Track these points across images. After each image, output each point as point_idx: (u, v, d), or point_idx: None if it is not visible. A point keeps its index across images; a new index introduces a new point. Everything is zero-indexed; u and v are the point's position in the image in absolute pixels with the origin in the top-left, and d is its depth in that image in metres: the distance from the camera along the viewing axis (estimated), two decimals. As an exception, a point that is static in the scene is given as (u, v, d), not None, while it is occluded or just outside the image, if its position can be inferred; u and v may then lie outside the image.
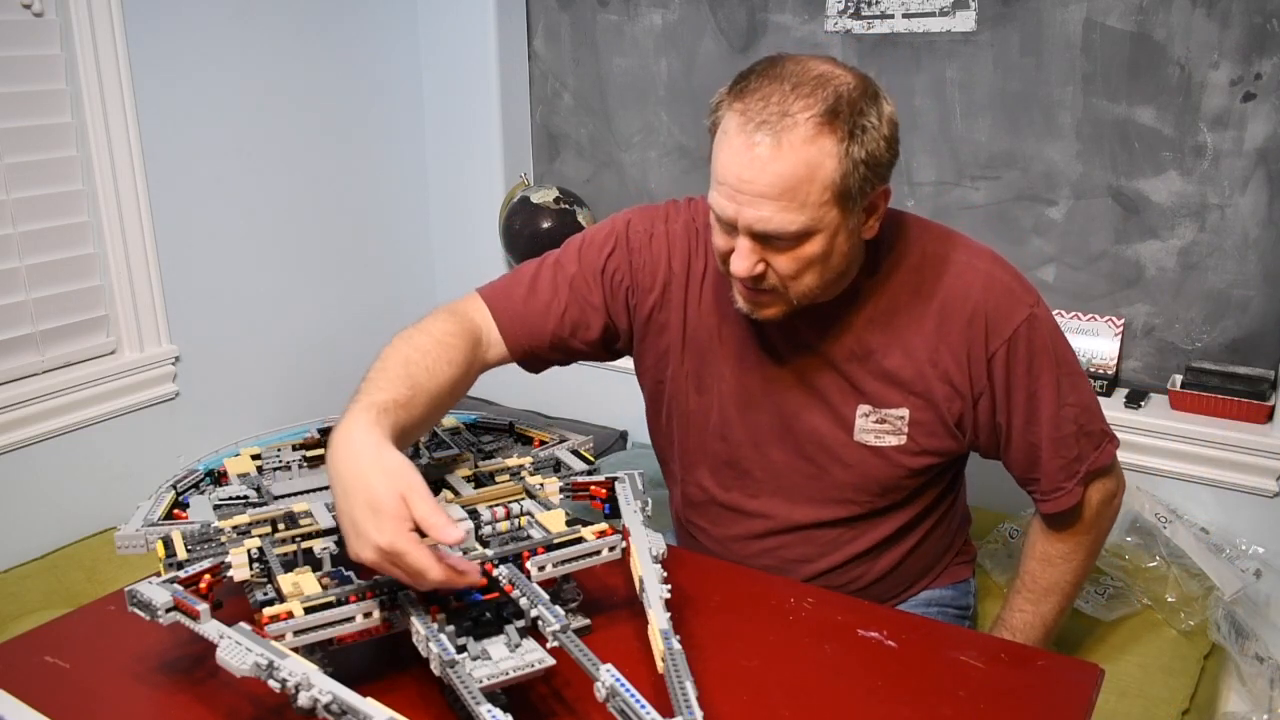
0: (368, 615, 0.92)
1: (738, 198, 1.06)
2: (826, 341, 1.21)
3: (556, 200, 2.27)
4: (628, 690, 0.82)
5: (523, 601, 0.92)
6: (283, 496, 1.15)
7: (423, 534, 0.91)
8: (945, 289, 1.18)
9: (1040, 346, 1.19)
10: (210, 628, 0.90)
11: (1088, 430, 1.23)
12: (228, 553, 1.01)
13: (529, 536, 1.05)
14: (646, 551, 1.01)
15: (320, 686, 0.82)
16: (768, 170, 1.03)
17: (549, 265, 1.30)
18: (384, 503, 0.91)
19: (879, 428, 1.22)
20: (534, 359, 1.30)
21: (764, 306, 1.15)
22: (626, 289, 1.29)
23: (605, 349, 1.33)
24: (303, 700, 0.80)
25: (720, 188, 1.08)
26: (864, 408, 1.22)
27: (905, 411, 1.21)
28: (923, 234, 1.22)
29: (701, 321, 1.28)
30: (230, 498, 1.16)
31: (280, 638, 0.88)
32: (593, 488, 1.16)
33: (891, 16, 1.93)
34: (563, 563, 1.00)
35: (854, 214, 1.09)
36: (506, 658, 0.87)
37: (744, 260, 1.09)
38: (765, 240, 1.08)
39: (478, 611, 0.90)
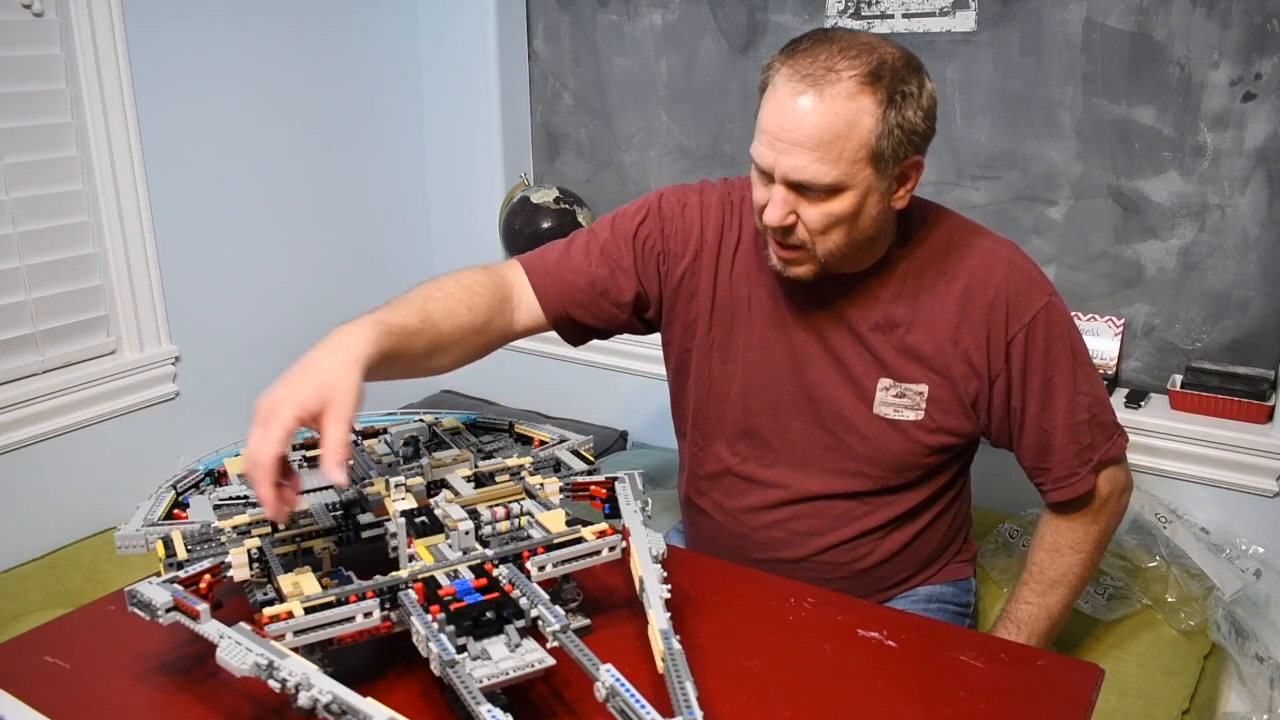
0: (368, 615, 0.92)
1: (777, 145, 1.11)
2: (853, 311, 1.25)
3: (556, 200, 2.27)
4: (628, 690, 0.82)
5: (523, 601, 0.92)
6: (283, 496, 1.15)
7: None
8: (970, 272, 1.23)
9: (1057, 333, 1.23)
10: (210, 628, 0.90)
11: (1100, 420, 1.27)
12: (228, 553, 1.01)
13: (529, 536, 1.05)
14: (646, 551, 1.01)
15: (320, 686, 0.82)
16: (807, 120, 1.09)
17: (582, 235, 1.35)
18: (306, 388, 0.96)
19: (898, 401, 1.25)
20: (569, 322, 1.33)
21: (794, 264, 1.20)
22: (658, 255, 1.32)
23: (637, 316, 1.36)
24: (303, 700, 0.80)
25: (762, 136, 1.13)
26: (884, 381, 1.25)
27: (924, 387, 1.24)
28: (951, 220, 1.28)
29: (732, 291, 1.31)
30: (230, 498, 1.16)
31: (280, 638, 0.88)
32: (593, 488, 1.16)
33: (891, 16, 1.93)
34: (563, 563, 1.00)
35: (886, 178, 1.14)
36: (506, 658, 0.87)
37: (776, 209, 1.14)
38: (799, 191, 1.13)
39: (478, 611, 0.90)
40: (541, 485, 1.15)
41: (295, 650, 0.87)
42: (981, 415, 1.27)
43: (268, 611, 0.89)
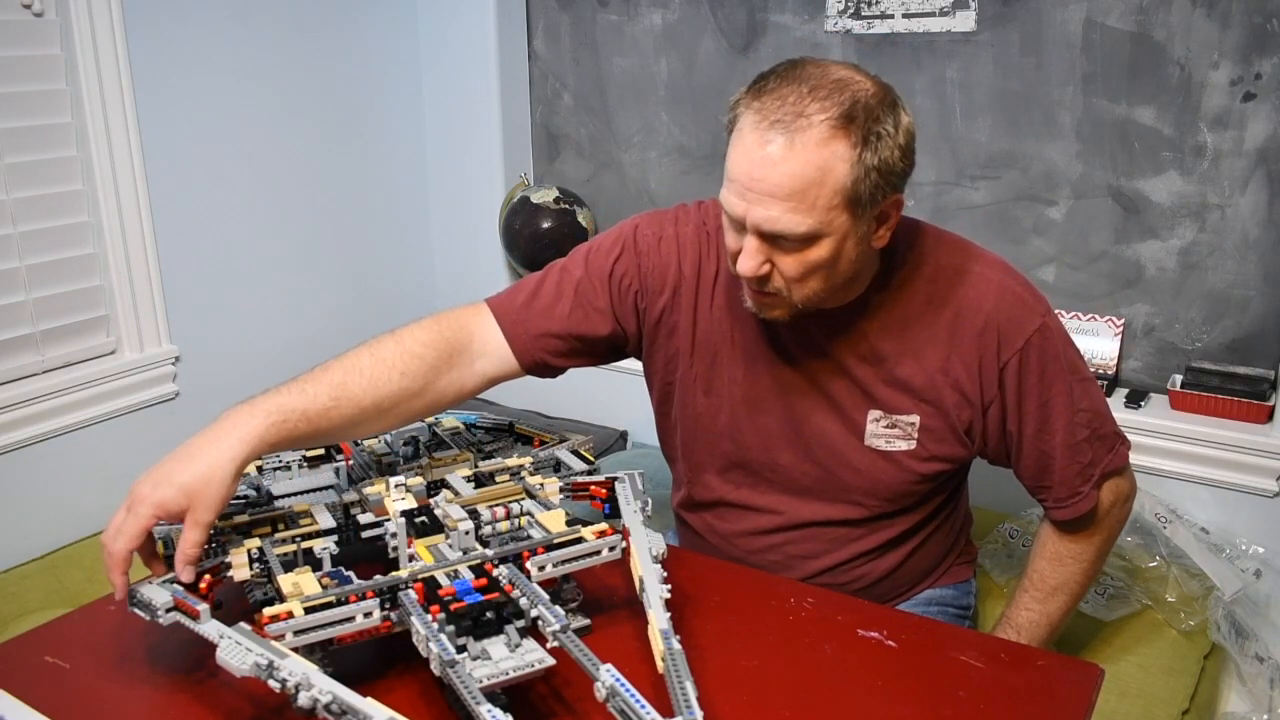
0: (368, 615, 0.92)
1: (747, 196, 1.05)
2: (839, 346, 1.21)
3: (556, 200, 2.27)
4: (628, 690, 0.82)
5: (523, 601, 0.92)
6: (283, 496, 1.15)
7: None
8: (958, 299, 1.18)
9: (1052, 355, 1.19)
10: (210, 628, 0.90)
11: (1101, 434, 1.24)
12: (228, 553, 1.02)
13: (529, 536, 1.05)
14: (646, 551, 1.01)
15: (320, 686, 0.82)
16: (778, 170, 1.03)
17: (555, 271, 1.29)
18: (172, 488, 0.99)
19: (889, 432, 1.22)
20: (541, 365, 1.28)
21: (770, 307, 1.15)
22: (635, 293, 1.28)
23: (612, 353, 1.33)
24: (303, 700, 0.80)
25: (731, 185, 1.07)
26: (875, 413, 1.22)
27: (916, 418, 1.21)
28: (938, 244, 1.22)
29: (713, 324, 1.27)
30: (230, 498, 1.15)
31: (280, 638, 0.88)
32: (593, 488, 1.16)
33: (891, 16, 1.93)
34: (563, 563, 1.00)
35: (863, 220, 1.08)
36: (506, 658, 0.87)
37: (750, 260, 1.09)
38: (773, 241, 1.08)
39: (478, 611, 0.90)
40: (541, 485, 1.15)
41: (295, 650, 0.87)
42: (976, 440, 1.24)
43: (268, 611, 0.89)
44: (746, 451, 1.29)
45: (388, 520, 1.05)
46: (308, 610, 0.90)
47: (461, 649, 0.88)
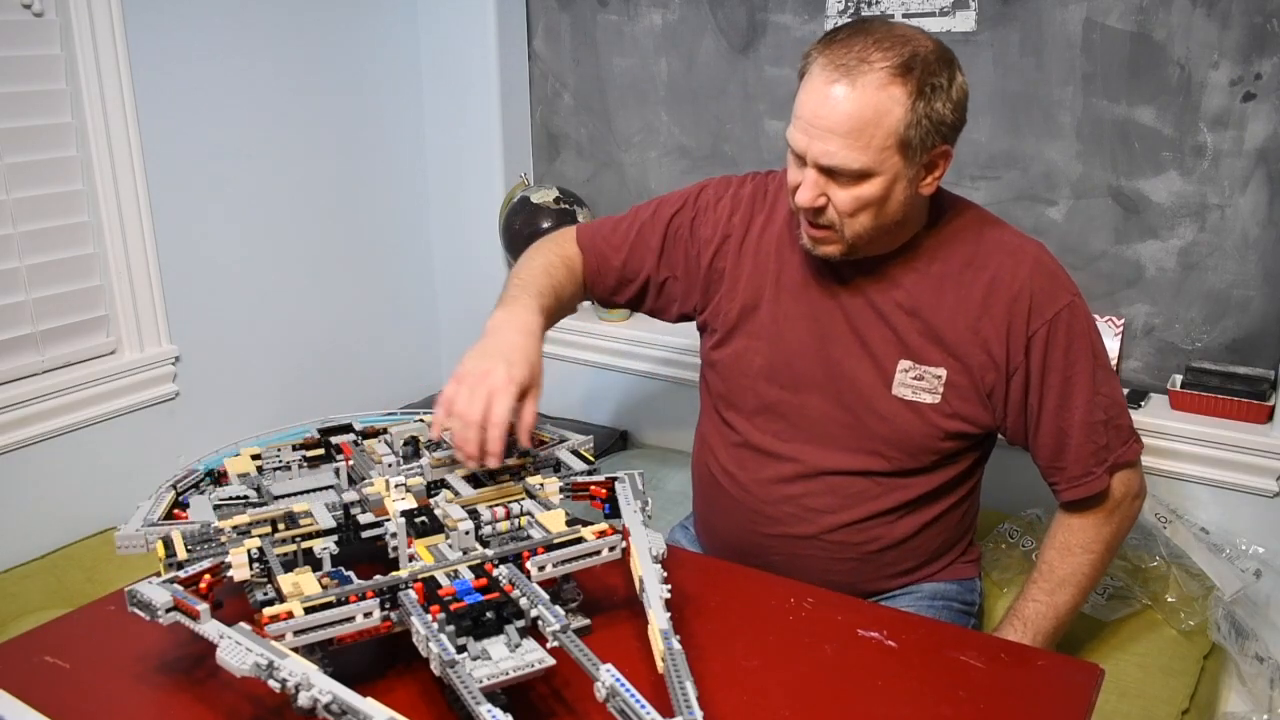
0: (368, 615, 0.92)
1: (810, 131, 1.18)
2: (879, 292, 1.30)
3: (556, 200, 2.27)
4: (628, 690, 0.82)
5: (523, 601, 0.92)
6: (283, 496, 1.15)
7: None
8: (996, 265, 1.27)
9: (1079, 332, 1.26)
10: (210, 628, 0.90)
11: (1118, 424, 1.29)
12: (228, 553, 1.02)
13: (529, 536, 1.05)
14: (646, 551, 1.01)
15: (320, 686, 0.82)
16: (839, 109, 1.15)
17: (631, 213, 1.48)
18: (521, 366, 1.15)
19: (916, 384, 1.29)
20: (600, 287, 1.48)
21: (823, 243, 1.26)
22: (685, 240, 1.43)
23: (667, 299, 1.47)
24: (303, 700, 0.80)
25: (797, 122, 1.20)
26: (905, 362, 1.29)
27: (943, 371, 1.28)
28: (982, 216, 1.33)
29: (758, 270, 1.38)
30: (230, 498, 1.16)
31: (280, 638, 0.88)
32: (593, 488, 1.16)
33: (891, 16, 1.93)
34: (563, 563, 1.00)
35: (913, 165, 1.18)
36: (506, 658, 0.87)
37: (808, 191, 1.20)
38: (830, 175, 1.19)
39: (478, 611, 0.90)
40: (541, 485, 1.15)
41: (295, 650, 0.87)
42: (998, 408, 1.29)
43: (268, 611, 0.89)
44: (778, 394, 1.36)
45: (388, 520, 1.05)
46: (308, 610, 0.90)
47: (461, 649, 0.88)
